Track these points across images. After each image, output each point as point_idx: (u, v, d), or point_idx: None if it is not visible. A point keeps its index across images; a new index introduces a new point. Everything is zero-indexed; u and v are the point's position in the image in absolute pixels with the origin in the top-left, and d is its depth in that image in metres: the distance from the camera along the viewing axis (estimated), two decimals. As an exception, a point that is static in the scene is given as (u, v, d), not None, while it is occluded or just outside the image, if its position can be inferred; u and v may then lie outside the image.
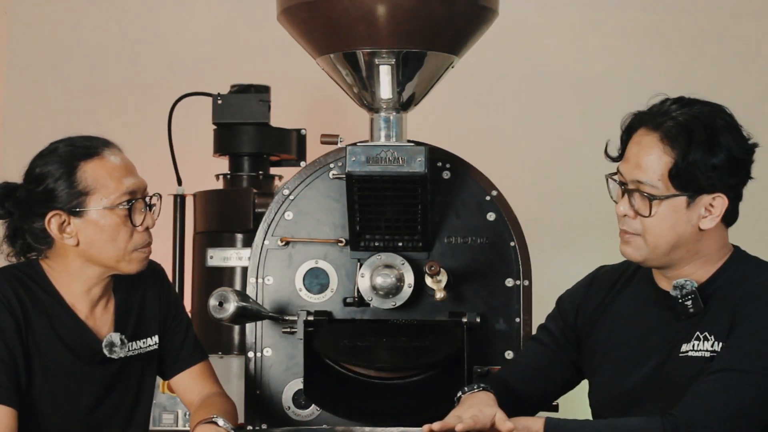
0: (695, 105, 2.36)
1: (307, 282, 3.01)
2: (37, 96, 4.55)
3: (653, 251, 2.37)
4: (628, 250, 2.40)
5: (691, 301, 2.35)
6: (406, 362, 2.91)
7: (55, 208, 2.52)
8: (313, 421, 2.99)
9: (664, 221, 2.33)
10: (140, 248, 2.58)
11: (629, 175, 2.36)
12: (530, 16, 4.47)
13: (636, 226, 2.37)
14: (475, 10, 2.89)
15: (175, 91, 3.60)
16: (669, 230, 2.34)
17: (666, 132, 2.32)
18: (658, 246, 2.35)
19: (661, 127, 2.33)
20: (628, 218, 2.37)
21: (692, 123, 2.31)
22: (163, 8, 4.58)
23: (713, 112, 2.35)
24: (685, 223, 2.34)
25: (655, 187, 2.32)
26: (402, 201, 2.88)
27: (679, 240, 2.35)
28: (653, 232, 2.35)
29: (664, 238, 2.34)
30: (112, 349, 2.60)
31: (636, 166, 2.34)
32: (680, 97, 2.39)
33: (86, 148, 2.55)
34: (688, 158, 2.29)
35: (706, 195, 2.32)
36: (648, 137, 2.34)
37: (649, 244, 2.36)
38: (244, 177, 3.53)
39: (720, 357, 2.29)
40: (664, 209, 2.33)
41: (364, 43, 2.86)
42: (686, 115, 2.33)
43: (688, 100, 2.38)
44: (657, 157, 2.32)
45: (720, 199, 2.33)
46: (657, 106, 2.38)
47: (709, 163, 2.29)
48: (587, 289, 2.59)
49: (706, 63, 4.45)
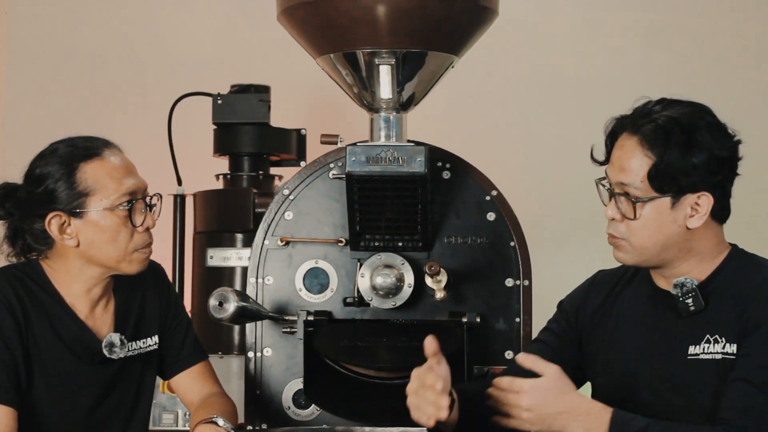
0: (676, 106, 2.36)
1: (307, 282, 3.01)
2: (37, 96, 4.55)
3: (642, 254, 2.37)
4: (620, 255, 2.41)
5: (691, 299, 2.35)
6: (406, 362, 2.90)
7: (56, 209, 2.52)
8: (313, 421, 2.99)
9: (649, 224, 2.34)
10: (141, 249, 2.58)
11: (614, 178, 2.37)
12: (530, 16, 4.47)
13: (621, 230, 2.37)
14: (475, 10, 2.89)
15: (175, 91, 3.60)
16: (655, 232, 2.34)
17: (645, 135, 2.32)
18: (646, 248, 2.36)
19: (640, 130, 2.33)
20: (615, 222, 2.38)
21: (670, 125, 2.31)
22: (163, 8, 4.58)
23: (693, 113, 2.35)
24: (671, 223, 2.34)
25: (638, 189, 2.33)
26: (402, 201, 2.88)
27: (667, 241, 2.35)
28: (639, 235, 2.35)
29: (650, 239, 2.35)
30: (111, 349, 2.60)
31: (620, 169, 2.35)
32: (662, 98, 2.39)
33: (86, 149, 2.55)
34: (665, 160, 2.29)
35: (690, 194, 2.32)
36: (629, 141, 2.35)
37: (635, 247, 2.36)
38: (244, 177, 3.53)
39: (744, 366, 2.29)
40: (648, 211, 2.33)
41: (364, 43, 2.86)
42: (665, 117, 2.33)
43: (669, 101, 2.38)
44: (638, 160, 2.32)
45: (705, 197, 2.32)
46: (639, 109, 2.39)
47: (689, 163, 2.29)
48: (587, 292, 2.59)
49: (706, 63, 4.45)
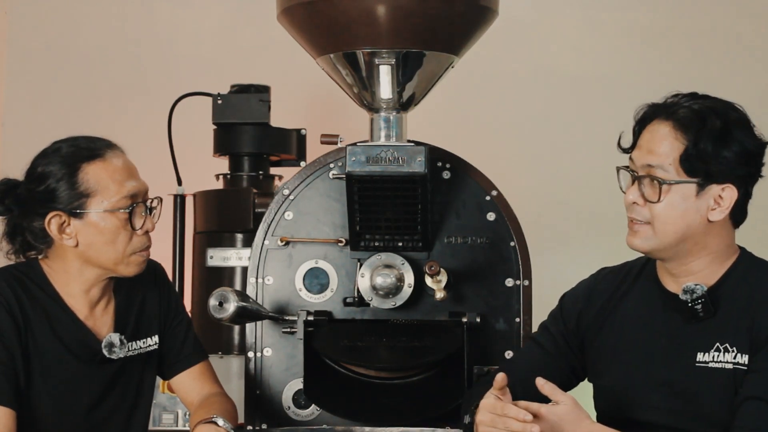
0: (708, 99, 2.38)
1: (307, 282, 3.01)
2: (37, 96, 4.55)
3: (662, 240, 2.34)
4: (636, 241, 2.38)
5: (701, 305, 2.34)
6: (406, 362, 2.91)
7: (56, 209, 2.52)
8: (313, 421, 2.99)
9: (673, 208, 2.32)
10: (139, 251, 2.58)
11: (640, 161, 2.35)
12: (530, 16, 4.47)
13: (645, 213, 2.35)
14: (475, 10, 2.89)
15: (175, 91, 3.60)
16: (678, 218, 2.32)
17: (679, 119, 2.32)
18: (667, 234, 2.34)
19: (674, 115, 2.33)
20: (637, 206, 2.36)
21: (706, 112, 2.32)
22: (163, 8, 4.58)
23: (727, 106, 2.36)
24: (694, 212, 2.32)
25: (666, 172, 2.31)
26: (402, 201, 2.88)
27: (688, 230, 2.33)
28: (662, 219, 2.33)
29: (673, 225, 2.33)
30: (111, 349, 2.60)
31: (648, 151, 2.34)
32: (693, 92, 2.40)
33: (89, 150, 2.55)
34: (699, 145, 2.29)
35: (716, 185, 2.31)
36: (661, 126, 2.34)
37: (658, 232, 2.34)
38: (244, 177, 3.53)
39: (756, 383, 2.28)
40: (673, 195, 2.32)
41: (364, 43, 2.86)
42: (700, 105, 2.34)
43: (701, 95, 2.39)
44: (669, 143, 2.32)
45: (730, 190, 2.32)
46: (671, 99, 2.39)
47: (721, 152, 2.29)
48: (590, 292, 2.57)
49: (706, 63, 4.45)
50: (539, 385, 2.32)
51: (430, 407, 2.85)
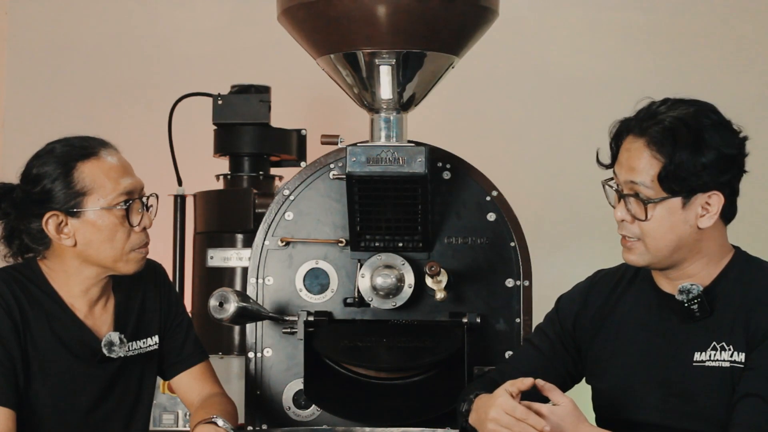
0: (680, 106, 2.35)
1: (307, 282, 3.01)
2: (37, 96, 4.55)
3: (656, 255, 2.35)
4: (631, 257, 2.39)
5: (697, 306, 2.34)
6: (407, 362, 2.91)
7: (53, 209, 2.52)
8: (313, 421, 2.99)
9: (661, 224, 2.32)
10: (138, 249, 2.58)
11: (623, 177, 2.35)
12: (530, 16, 4.47)
13: (635, 230, 2.36)
14: (475, 10, 2.89)
15: (175, 91, 3.60)
16: (668, 232, 2.33)
17: (652, 137, 2.31)
18: (660, 249, 2.34)
19: (647, 133, 2.32)
20: (626, 223, 2.37)
21: (676, 125, 2.30)
22: (164, 8, 4.58)
23: (698, 112, 2.33)
24: (682, 223, 2.33)
25: (649, 189, 2.31)
26: (402, 201, 2.88)
27: (680, 241, 2.34)
28: (652, 235, 2.34)
29: (664, 240, 2.33)
30: (111, 348, 2.59)
31: (629, 169, 2.34)
32: (665, 98, 2.38)
33: (83, 149, 2.55)
34: (674, 161, 2.28)
35: (701, 194, 2.31)
36: (636, 143, 2.33)
37: (650, 248, 2.35)
38: (245, 177, 3.53)
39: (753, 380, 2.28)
40: (660, 212, 2.32)
41: (364, 44, 2.86)
42: (671, 118, 2.31)
43: (673, 101, 2.37)
44: (646, 161, 2.31)
45: (716, 196, 2.32)
46: (643, 111, 2.37)
47: (698, 163, 2.28)
48: (586, 295, 2.57)
49: (705, 63, 4.45)
50: (539, 385, 2.32)
51: (431, 408, 2.85)
